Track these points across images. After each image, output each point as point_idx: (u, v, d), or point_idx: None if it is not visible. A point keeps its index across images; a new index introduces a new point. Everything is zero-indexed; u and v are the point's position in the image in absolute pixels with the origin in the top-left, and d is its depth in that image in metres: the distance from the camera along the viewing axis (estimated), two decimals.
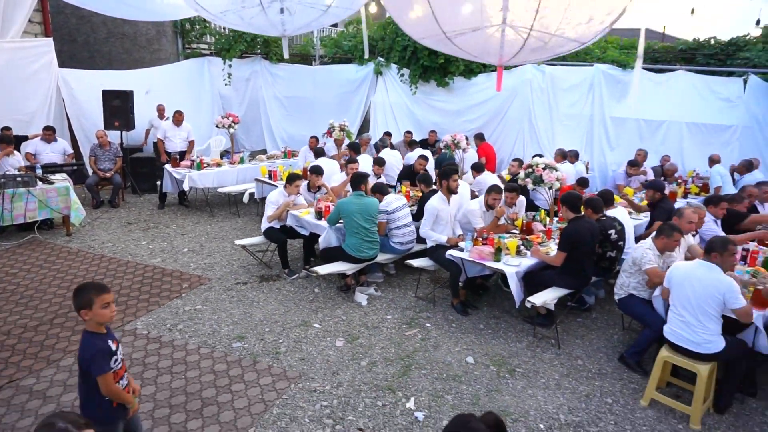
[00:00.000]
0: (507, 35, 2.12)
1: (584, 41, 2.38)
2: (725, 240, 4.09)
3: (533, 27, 2.02)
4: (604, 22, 2.19)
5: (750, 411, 4.29)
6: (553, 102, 10.90)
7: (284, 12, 3.92)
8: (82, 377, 2.76)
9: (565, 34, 2.18)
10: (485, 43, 2.30)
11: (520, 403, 4.27)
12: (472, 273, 5.67)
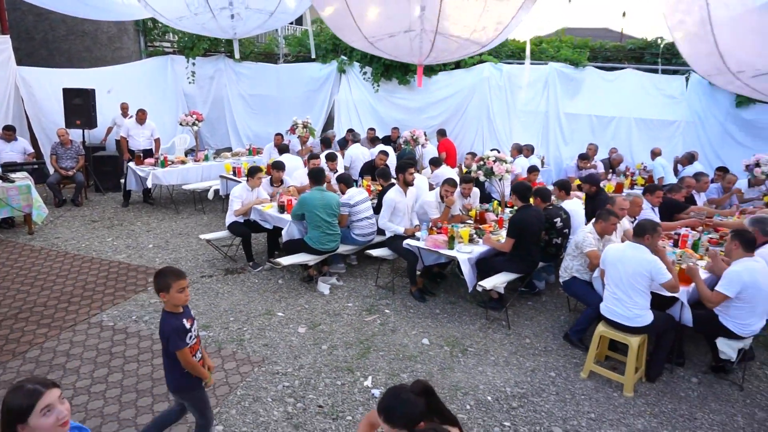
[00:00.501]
0: (422, 39, 2.39)
1: (483, 44, 2.68)
2: (654, 224, 4.49)
3: (437, 31, 2.29)
4: (497, 29, 2.50)
5: (678, 379, 4.70)
6: (510, 99, 11.33)
7: (234, 17, 4.16)
8: (164, 350, 3.11)
9: (464, 37, 2.47)
10: (404, 46, 2.57)
11: (471, 379, 4.59)
12: (429, 261, 5.97)
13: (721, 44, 2.53)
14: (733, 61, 2.62)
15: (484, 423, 4.03)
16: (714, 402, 4.40)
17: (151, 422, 3.50)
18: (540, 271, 6.32)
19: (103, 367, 4.57)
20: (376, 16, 2.49)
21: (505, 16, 2.37)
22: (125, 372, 4.52)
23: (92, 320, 5.39)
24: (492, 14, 2.39)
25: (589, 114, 10.97)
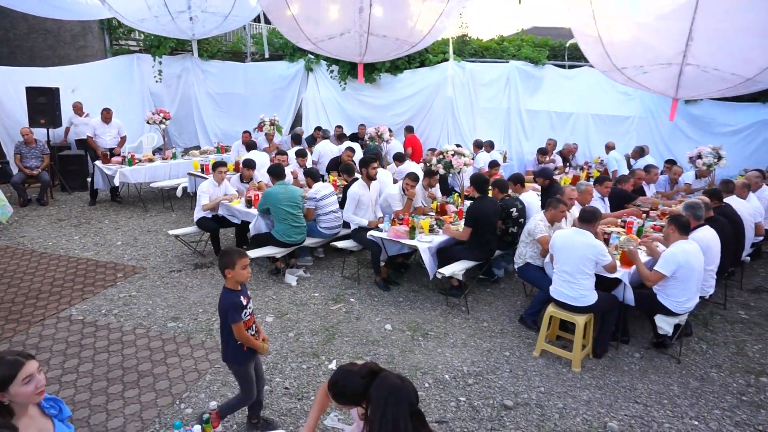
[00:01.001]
0: (360, 40, 2.62)
1: (414, 43, 2.94)
2: (596, 211, 4.84)
3: (369, 32, 2.53)
4: (425, 31, 2.76)
5: (622, 355, 5.06)
6: (474, 96, 11.67)
7: (192, 20, 4.36)
8: (222, 325, 3.42)
9: (395, 37, 2.72)
10: (344, 47, 2.79)
11: (430, 360, 4.85)
12: (392, 252, 6.22)
13: (605, 42, 2.85)
14: (617, 58, 2.94)
15: (441, 399, 4.30)
16: (653, 374, 4.76)
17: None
18: (499, 260, 6.64)
19: (73, 358, 4.69)
20: (316, 19, 2.71)
21: (432, 19, 2.62)
22: (96, 362, 4.65)
23: (61, 315, 5.48)
24: (420, 17, 2.64)
25: (549, 110, 11.38)
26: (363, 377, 2.34)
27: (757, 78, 2.79)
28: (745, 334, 5.56)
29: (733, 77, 2.79)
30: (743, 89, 3.05)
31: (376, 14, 2.50)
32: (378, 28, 2.57)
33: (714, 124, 10.50)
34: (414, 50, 3.15)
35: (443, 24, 2.79)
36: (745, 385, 4.62)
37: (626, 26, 2.82)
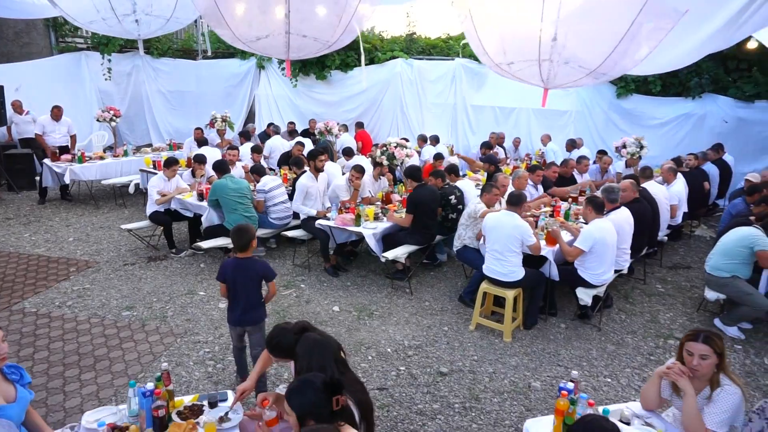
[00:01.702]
0: (287, 40, 2.95)
1: (328, 43, 3.29)
2: (522, 195, 5.31)
3: (289, 32, 2.86)
4: (336, 33, 3.11)
5: (549, 326, 5.56)
6: (422, 92, 12.12)
7: (137, 22, 4.64)
8: (253, 289, 3.95)
9: (315, 37, 3.06)
10: (271, 47, 3.11)
11: (374, 336, 5.23)
12: (341, 240, 6.55)
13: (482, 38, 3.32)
14: (494, 53, 3.42)
15: (383, 369, 4.68)
16: (576, 341, 5.27)
17: (237, 364, 4.32)
18: (441, 245, 7.07)
19: (28, 347, 4.84)
20: (243, 21, 3.02)
21: (345, 20, 2.96)
22: (51, 350, 4.81)
23: (14, 308, 5.58)
24: (331, 16, 2.98)
25: (493, 105, 11.94)
26: (295, 333, 2.70)
27: (600, 69, 3.32)
28: (659, 304, 6.16)
29: (581, 69, 3.30)
30: (592, 80, 3.62)
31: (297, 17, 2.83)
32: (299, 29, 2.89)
33: (643, 117, 11.26)
34: (331, 49, 3.50)
35: (356, 27, 3.14)
36: (654, 347, 5.18)
37: (497, 26, 3.26)
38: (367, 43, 12.70)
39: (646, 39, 3.09)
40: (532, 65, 3.35)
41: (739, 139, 10.62)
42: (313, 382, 2.18)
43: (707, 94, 10.88)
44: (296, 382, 2.25)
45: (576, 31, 3.03)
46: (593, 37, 3.13)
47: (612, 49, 3.05)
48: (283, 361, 2.86)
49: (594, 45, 3.14)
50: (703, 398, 2.80)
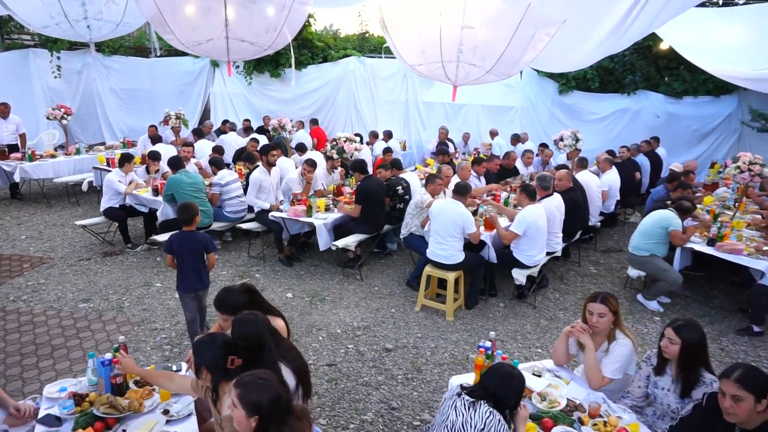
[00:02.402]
0: (226, 44, 3.25)
1: (265, 47, 3.61)
2: (467, 185, 5.72)
3: (228, 37, 3.16)
4: (271, 36, 3.43)
5: (490, 305, 5.99)
6: (374, 89, 12.47)
7: (89, 27, 4.86)
8: (198, 259, 4.49)
9: (251, 41, 3.37)
10: (212, 50, 3.40)
11: (325, 319, 5.54)
12: (294, 231, 6.83)
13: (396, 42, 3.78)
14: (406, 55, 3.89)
15: (332, 348, 5.00)
16: (513, 318, 5.72)
17: (191, 336, 4.72)
18: (391, 234, 7.43)
19: None
20: (185, 27, 3.29)
21: (278, 25, 3.28)
22: (7, 341, 4.93)
23: None
24: (266, 22, 3.29)
25: (443, 102, 12.40)
26: (242, 292, 3.07)
27: (493, 70, 3.81)
28: (591, 284, 6.69)
29: (481, 68, 3.79)
30: (493, 77, 4.12)
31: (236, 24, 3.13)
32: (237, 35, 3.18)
33: (583, 112, 11.93)
34: (266, 53, 3.83)
35: (287, 33, 3.48)
36: None
37: (408, 33, 3.67)
38: (320, 41, 12.97)
39: (532, 43, 3.57)
40: (440, 67, 3.76)
41: (670, 132, 11.39)
42: (216, 340, 2.52)
43: (641, 90, 11.63)
44: (203, 337, 2.58)
45: (475, 37, 3.48)
46: (488, 43, 3.58)
47: (501, 53, 3.50)
48: (227, 317, 3.16)
49: (489, 49, 3.59)
50: (602, 351, 3.24)
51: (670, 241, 5.82)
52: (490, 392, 2.50)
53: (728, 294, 6.45)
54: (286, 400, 2.23)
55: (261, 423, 2.11)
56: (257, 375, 2.22)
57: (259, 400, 2.10)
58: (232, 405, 2.14)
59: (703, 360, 2.90)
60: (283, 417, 2.16)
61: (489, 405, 2.47)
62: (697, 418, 2.70)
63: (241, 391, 2.13)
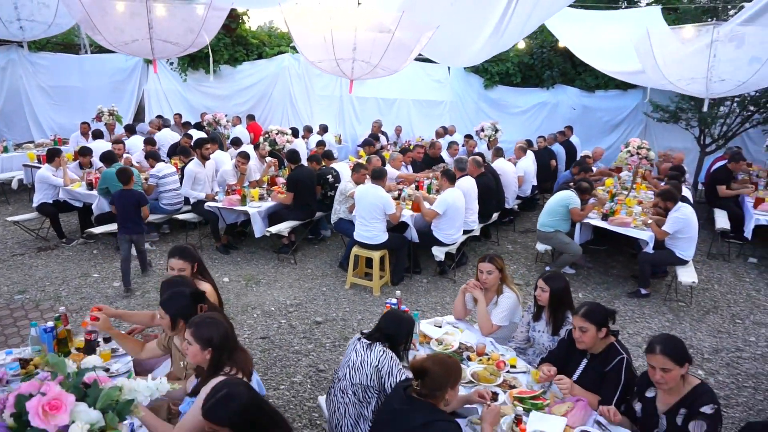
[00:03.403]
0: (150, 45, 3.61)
1: (186, 47, 4.01)
2: (383, 170, 6.22)
3: (152, 38, 3.52)
4: (192, 37, 3.84)
5: (414, 282, 6.53)
6: (309, 85, 12.82)
7: (22, 28, 5.05)
8: (137, 211, 5.91)
9: (173, 42, 3.75)
10: (138, 50, 3.75)
11: (260, 299, 5.92)
12: (230, 220, 7.15)
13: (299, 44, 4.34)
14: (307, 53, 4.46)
15: (266, 323, 5.39)
16: (434, 292, 6.28)
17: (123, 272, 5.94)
18: (324, 222, 7.86)
19: None
20: (112, 29, 3.61)
21: (197, 27, 3.66)
22: None
23: None
24: (186, 25, 3.69)
25: (376, 97, 12.92)
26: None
27: (380, 66, 4.42)
28: (507, 260, 7.32)
29: (383, 71, 4.36)
30: (382, 71, 4.75)
31: (159, 27, 3.48)
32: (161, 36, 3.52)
33: (508, 106, 12.75)
34: (187, 52, 4.21)
35: (205, 35, 3.88)
36: None
37: (308, 33, 4.17)
38: (255, 39, 13.18)
39: (405, 47, 4.19)
40: (335, 64, 4.31)
41: (585, 123, 12.37)
42: (184, 292, 2.89)
43: (558, 85, 12.55)
44: (170, 293, 2.94)
45: (363, 38, 4.04)
46: (374, 43, 4.15)
47: (384, 52, 4.09)
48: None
49: (375, 48, 4.16)
50: (492, 304, 3.81)
51: (572, 218, 6.54)
52: (384, 334, 2.99)
53: (625, 264, 7.27)
54: (233, 335, 2.64)
55: (214, 355, 2.51)
56: (206, 315, 2.63)
57: (210, 336, 2.51)
58: (187, 343, 2.53)
59: (568, 304, 3.50)
60: (231, 349, 2.57)
61: (384, 346, 2.96)
62: (560, 349, 3.31)
63: (194, 330, 2.52)
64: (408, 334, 3.04)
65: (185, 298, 2.87)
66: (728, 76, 4.44)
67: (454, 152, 9.90)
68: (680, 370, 2.62)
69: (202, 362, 2.55)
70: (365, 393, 2.92)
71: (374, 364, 2.89)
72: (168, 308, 2.84)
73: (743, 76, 4.45)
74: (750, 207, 7.55)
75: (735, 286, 6.75)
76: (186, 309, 2.82)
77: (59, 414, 1.35)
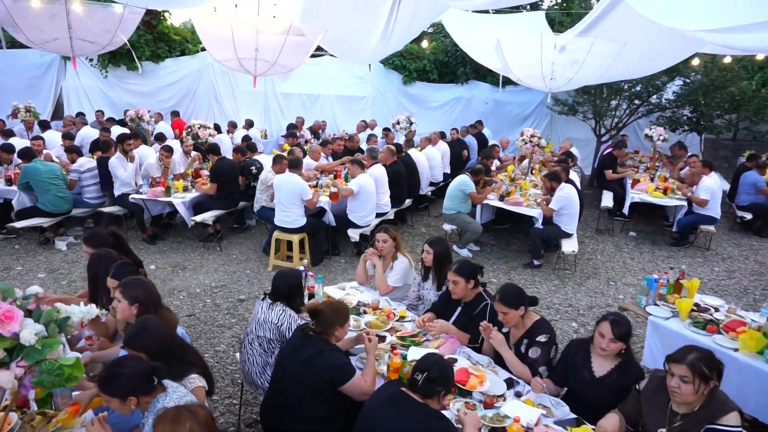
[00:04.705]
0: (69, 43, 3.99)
1: (104, 45, 4.41)
2: (299, 159, 6.73)
3: (72, 37, 3.91)
4: (109, 37, 4.26)
5: (333, 262, 7.09)
6: (234, 82, 13.08)
7: None
8: None
9: (91, 41, 4.15)
10: (60, 48, 4.12)
11: (186, 283, 6.29)
12: (155, 211, 7.43)
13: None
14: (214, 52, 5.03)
15: (191, 303, 5.79)
16: (351, 270, 6.84)
17: None
18: (250, 211, 8.26)
19: None
20: (33, 28, 3.93)
21: (113, 28, 4.05)
22: None
23: None
24: (103, 25, 4.08)
25: (300, 93, 13.37)
26: (110, 235, 3.86)
27: (277, 64, 5.08)
28: (420, 241, 8.05)
29: (282, 68, 4.96)
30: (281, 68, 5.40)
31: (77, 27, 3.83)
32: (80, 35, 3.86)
33: (426, 101, 13.54)
34: (106, 50, 4.57)
35: (121, 35, 4.27)
36: None
37: (214, 33, 4.71)
38: (177, 35, 13.27)
39: (302, 47, 4.81)
40: (238, 62, 4.85)
41: (498, 116, 13.38)
42: (126, 264, 3.33)
43: (472, 81, 13.46)
44: (115, 266, 3.36)
45: (263, 39, 4.60)
46: (269, 45, 4.73)
47: (278, 54, 4.68)
48: (90, 251, 3.87)
49: (269, 50, 4.74)
50: (389, 269, 4.43)
51: (472, 201, 7.32)
52: (277, 292, 3.51)
53: (524, 241, 8.14)
54: (157, 294, 3.09)
55: (140, 310, 2.94)
56: (133, 277, 3.08)
57: (137, 294, 2.95)
58: (116, 301, 2.96)
59: (449, 263, 4.17)
60: (155, 305, 3.01)
61: (283, 305, 3.49)
62: (441, 300, 3.98)
63: (123, 288, 2.96)
64: (297, 286, 3.56)
65: (130, 267, 3.31)
66: (557, 75, 5.35)
67: (374, 143, 10.55)
68: (516, 312, 3.30)
69: (130, 317, 2.99)
70: (269, 344, 3.44)
71: (275, 322, 3.41)
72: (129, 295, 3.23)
73: (570, 75, 5.47)
74: (629, 188, 8.66)
75: (614, 255, 7.77)
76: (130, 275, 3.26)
77: (12, 323, 1.79)
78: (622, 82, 10.80)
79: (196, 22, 4.51)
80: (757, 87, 11.63)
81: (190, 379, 2.61)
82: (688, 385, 2.44)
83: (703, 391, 2.45)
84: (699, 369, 2.42)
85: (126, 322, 3.09)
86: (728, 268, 7.39)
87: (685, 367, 2.45)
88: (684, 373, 2.45)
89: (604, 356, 3.02)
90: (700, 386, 2.43)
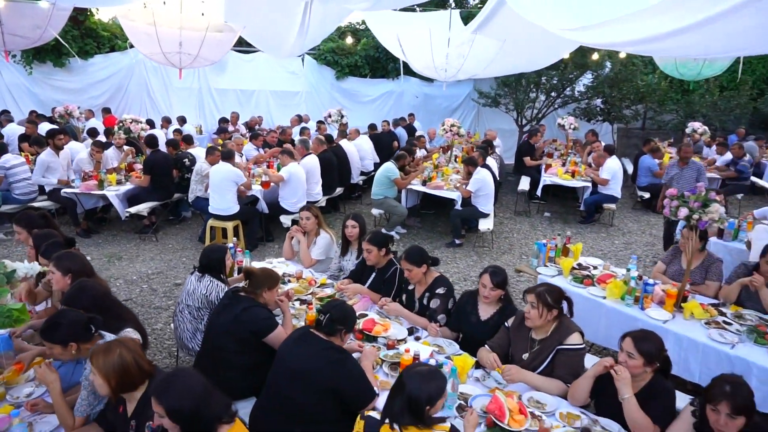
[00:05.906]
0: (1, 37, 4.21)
1: (35, 40, 4.66)
2: (231, 151, 7.06)
3: (3, 32, 4.15)
4: (39, 32, 4.51)
5: (267, 248, 7.46)
6: (167, 78, 13.09)
7: None
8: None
9: (22, 35, 4.39)
10: None
11: (122, 271, 6.51)
12: (89, 205, 7.55)
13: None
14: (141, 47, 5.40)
15: (128, 289, 6.03)
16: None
17: None
18: (185, 204, 8.48)
19: None
20: None
21: (43, 24, 4.30)
22: None
23: None
24: (33, 21, 4.32)
25: (235, 89, 13.54)
26: (40, 217, 4.09)
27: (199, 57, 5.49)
28: None
29: (204, 60, 5.37)
30: (205, 62, 5.82)
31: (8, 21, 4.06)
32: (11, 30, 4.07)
33: (359, 95, 14.03)
34: (36, 45, 4.80)
35: (51, 31, 4.51)
36: None
37: (141, 30, 5.06)
38: (106, 31, 13.12)
39: (222, 44, 5.21)
40: (163, 56, 5.21)
41: (428, 110, 14.05)
42: (58, 240, 3.63)
43: (403, 76, 13.99)
44: (46, 244, 3.63)
45: (186, 35, 5.00)
46: (193, 41, 5.13)
47: (200, 47, 5.08)
48: (23, 232, 4.13)
49: (193, 45, 5.15)
50: (312, 244, 4.89)
51: (397, 186, 7.87)
52: (207, 266, 3.88)
53: (447, 224, 8.75)
54: (89, 265, 3.40)
55: (74, 279, 3.25)
56: (66, 251, 3.38)
57: (69, 265, 3.25)
58: (51, 273, 3.25)
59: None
60: (88, 275, 3.32)
61: (211, 276, 3.86)
62: (357, 267, 4.48)
63: (56, 261, 3.26)
64: (222, 259, 3.91)
65: (60, 245, 3.60)
66: (449, 66, 6.02)
67: (307, 136, 10.94)
68: (419, 270, 3.83)
69: (65, 287, 3.30)
70: (198, 312, 3.80)
71: (204, 293, 3.76)
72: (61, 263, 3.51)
73: (458, 65, 6.19)
74: (543, 172, 9.47)
75: (529, 233, 8.52)
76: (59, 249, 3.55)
77: None
78: (537, 75, 11.67)
79: (122, 18, 4.77)
80: (659, 80, 12.82)
81: (125, 332, 2.97)
82: (534, 310, 3.04)
83: (546, 316, 3.05)
84: (543, 297, 3.03)
85: (61, 292, 3.39)
86: (627, 241, 8.30)
87: (533, 296, 3.07)
88: (532, 300, 3.07)
89: (488, 303, 3.59)
90: (544, 311, 3.04)
